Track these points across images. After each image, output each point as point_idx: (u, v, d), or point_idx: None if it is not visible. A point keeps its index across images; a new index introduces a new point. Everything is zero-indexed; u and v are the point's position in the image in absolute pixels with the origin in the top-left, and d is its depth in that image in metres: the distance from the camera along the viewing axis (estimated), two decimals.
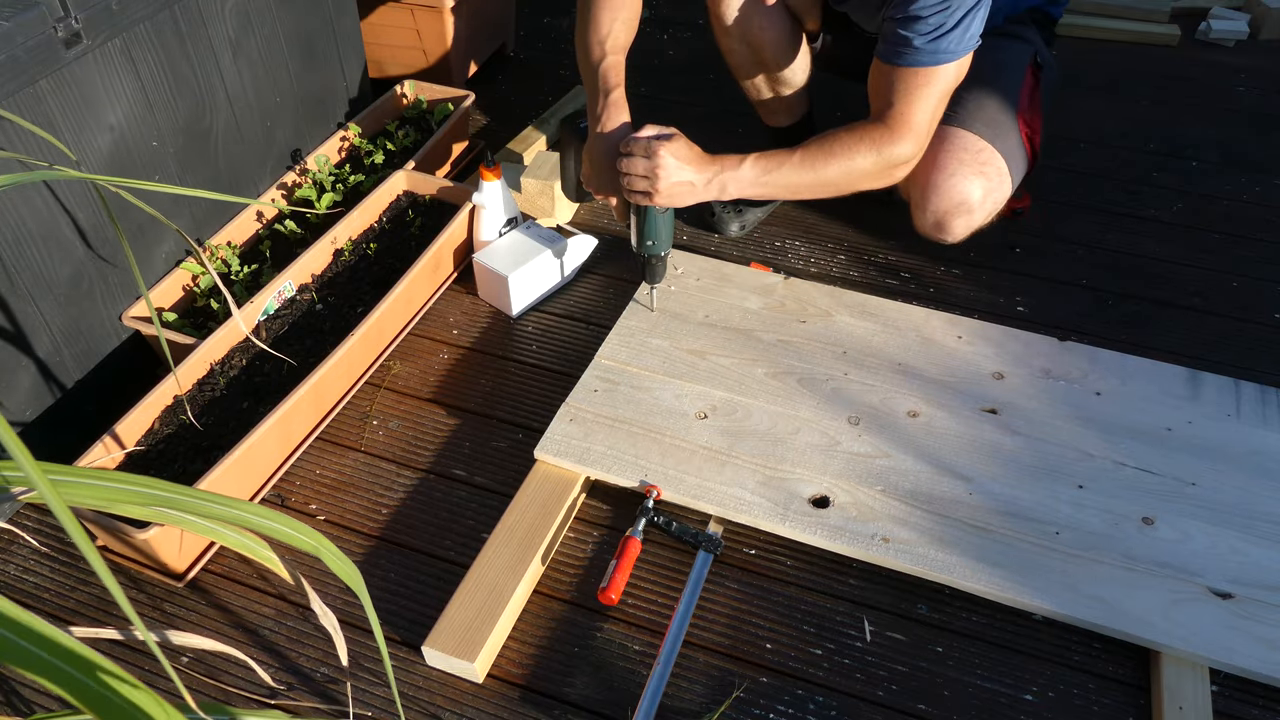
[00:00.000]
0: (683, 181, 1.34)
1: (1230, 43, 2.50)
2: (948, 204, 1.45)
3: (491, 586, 1.16)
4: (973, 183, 1.43)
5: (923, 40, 1.28)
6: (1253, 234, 1.81)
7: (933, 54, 1.29)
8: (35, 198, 1.24)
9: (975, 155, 1.44)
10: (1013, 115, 1.49)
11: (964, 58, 1.31)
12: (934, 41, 1.28)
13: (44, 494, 0.46)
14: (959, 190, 1.44)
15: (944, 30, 1.27)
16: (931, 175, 1.45)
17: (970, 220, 1.47)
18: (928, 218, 1.49)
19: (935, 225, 1.50)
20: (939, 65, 1.30)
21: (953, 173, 1.43)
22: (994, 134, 1.45)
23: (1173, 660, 1.09)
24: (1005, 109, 1.48)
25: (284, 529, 0.70)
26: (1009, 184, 1.48)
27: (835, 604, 1.19)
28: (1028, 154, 1.52)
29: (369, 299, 1.50)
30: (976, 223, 1.48)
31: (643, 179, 1.33)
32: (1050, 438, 1.32)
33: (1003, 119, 1.47)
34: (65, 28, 1.21)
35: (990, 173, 1.44)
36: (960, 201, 1.44)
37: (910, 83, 1.32)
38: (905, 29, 1.29)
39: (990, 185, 1.45)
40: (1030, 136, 1.51)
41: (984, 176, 1.44)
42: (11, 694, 1.10)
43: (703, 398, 1.39)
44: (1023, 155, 1.50)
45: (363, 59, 1.90)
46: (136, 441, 1.28)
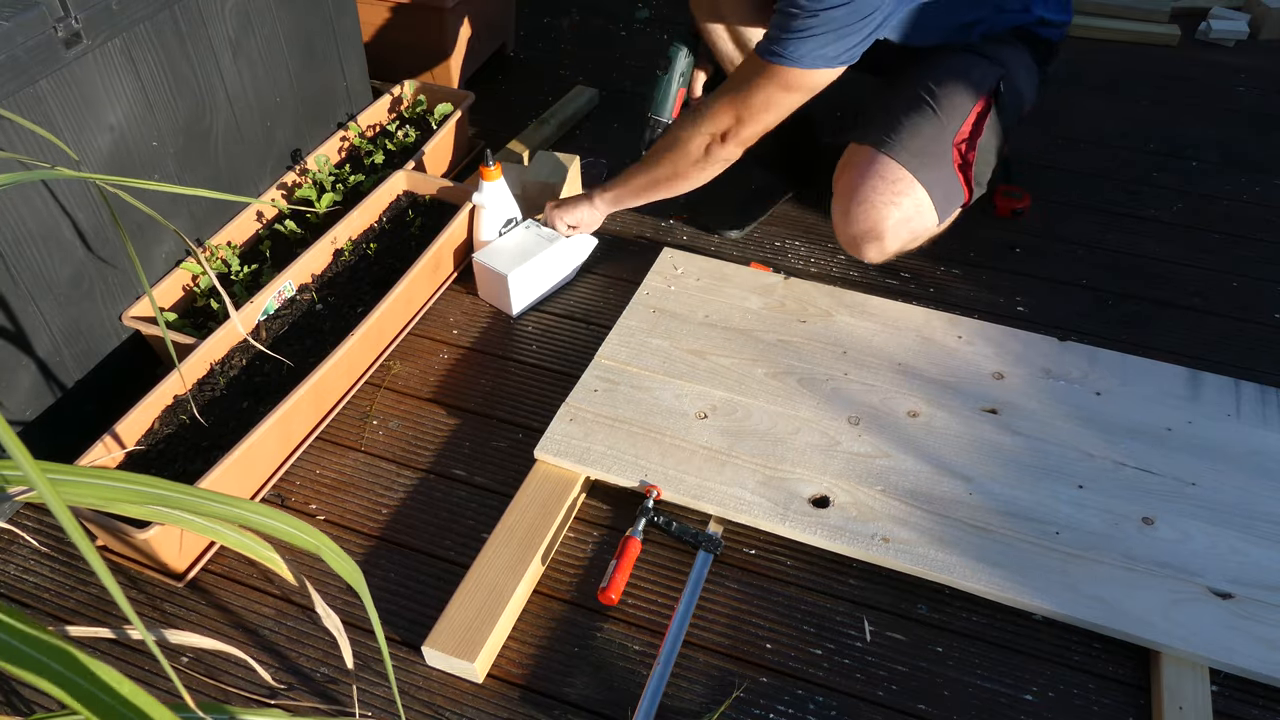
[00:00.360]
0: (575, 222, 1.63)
1: (1230, 43, 2.50)
2: (858, 229, 1.47)
3: (491, 586, 1.16)
4: (885, 211, 1.44)
5: (774, 31, 1.32)
6: (1253, 234, 1.81)
7: (774, 50, 1.32)
8: (35, 198, 1.24)
9: (891, 185, 1.44)
10: (948, 145, 1.46)
11: (804, 70, 1.32)
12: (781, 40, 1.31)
13: (43, 493, 0.46)
14: (871, 217, 1.45)
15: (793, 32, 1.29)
16: (847, 200, 1.46)
17: (881, 246, 1.48)
18: (842, 237, 1.53)
19: (848, 244, 1.53)
20: (770, 64, 1.33)
21: (865, 199, 1.44)
22: (920, 164, 1.44)
23: (1173, 660, 1.09)
24: (940, 139, 1.46)
25: (285, 528, 0.70)
26: (931, 215, 1.47)
27: (835, 604, 1.19)
28: (961, 185, 1.49)
29: (369, 299, 1.50)
30: (890, 249, 1.49)
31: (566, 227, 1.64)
32: (1050, 438, 1.32)
33: (934, 149, 1.45)
34: (65, 28, 1.21)
35: (904, 203, 1.44)
36: (870, 228, 1.46)
37: (746, 66, 1.39)
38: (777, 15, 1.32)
39: (904, 215, 1.44)
40: (963, 168, 1.48)
41: (897, 206, 1.44)
42: (11, 694, 1.10)
43: (703, 398, 1.39)
44: (955, 186, 1.48)
45: (363, 59, 1.90)
46: (137, 441, 1.28)
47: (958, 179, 1.48)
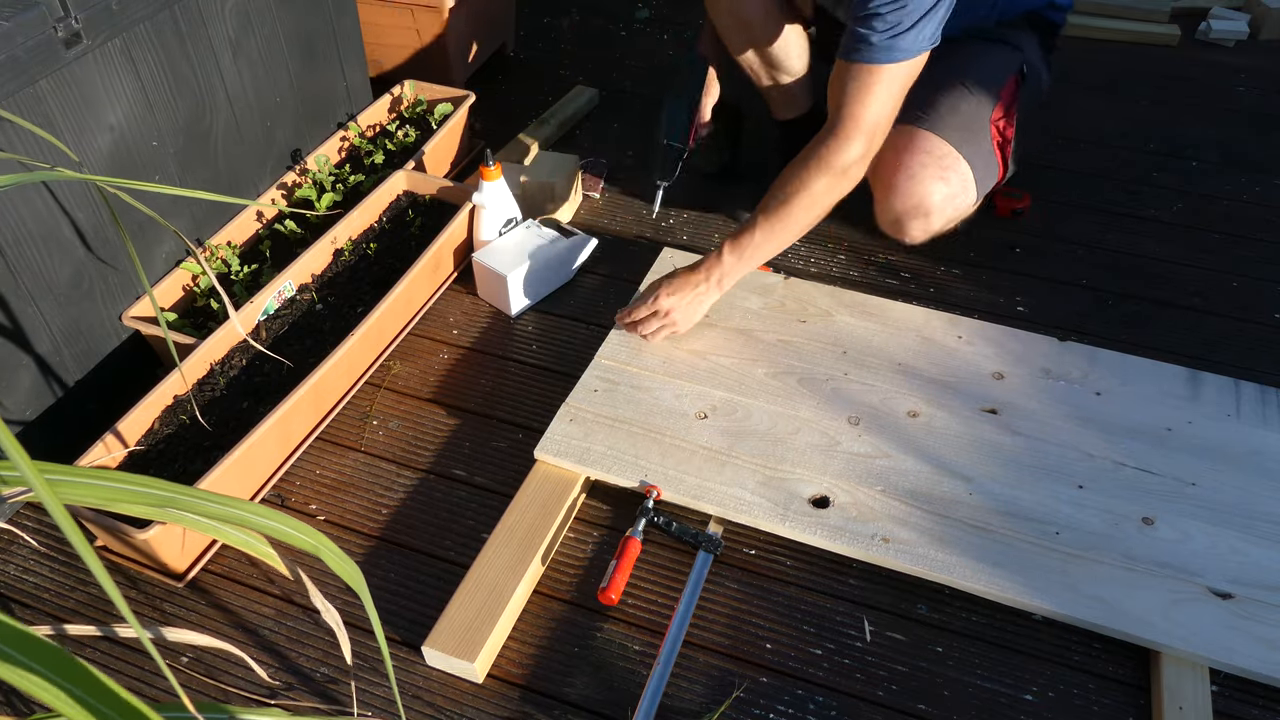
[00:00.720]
0: (691, 308, 1.46)
1: (1230, 43, 2.50)
2: (905, 205, 1.46)
3: (491, 586, 1.16)
4: (933, 186, 1.44)
5: (879, 37, 1.29)
6: (1253, 234, 1.81)
7: (887, 51, 1.29)
8: (35, 198, 1.24)
9: (939, 159, 1.44)
10: (986, 122, 1.48)
11: (917, 57, 1.31)
12: (889, 39, 1.28)
13: (40, 493, 0.46)
14: (917, 193, 1.44)
15: (900, 29, 1.27)
16: (893, 176, 1.46)
17: (928, 223, 1.48)
18: (886, 216, 1.50)
19: (893, 224, 1.51)
20: (892, 63, 1.30)
21: (913, 175, 1.44)
22: (962, 139, 1.45)
23: (1173, 660, 1.09)
24: (979, 115, 1.48)
25: (284, 528, 0.70)
26: (973, 191, 1.48)
27: (835, 604, 1.19)
28: (999, 162, 1.51)
29: (369, 299, 1.50)
30: (935, 226, 1.49)
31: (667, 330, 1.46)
32: (1050, 438, 1.32)
33: (975, 125, 1.47)
34: (65, 28, 1.21)
35: (952, 178, 1.44)
36: (917, 204, 1.45)
37: (863, 80, 1.32)
38: (864, 26, 1.30)
39: (951, 191, 1.45)
40: (1002, 145, 1.51)
41: (945, 181, 1.44)
42: (11, 693, 1.10)
43: (703, 398, 1.39)
44: (992, 163, 1.50)
45: (363, 59, 1.90)
46: (137, 441, 1.28)
47: (996, 156, 1.50)
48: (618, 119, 2.16)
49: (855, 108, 1.32)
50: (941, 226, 1.50)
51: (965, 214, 1.52)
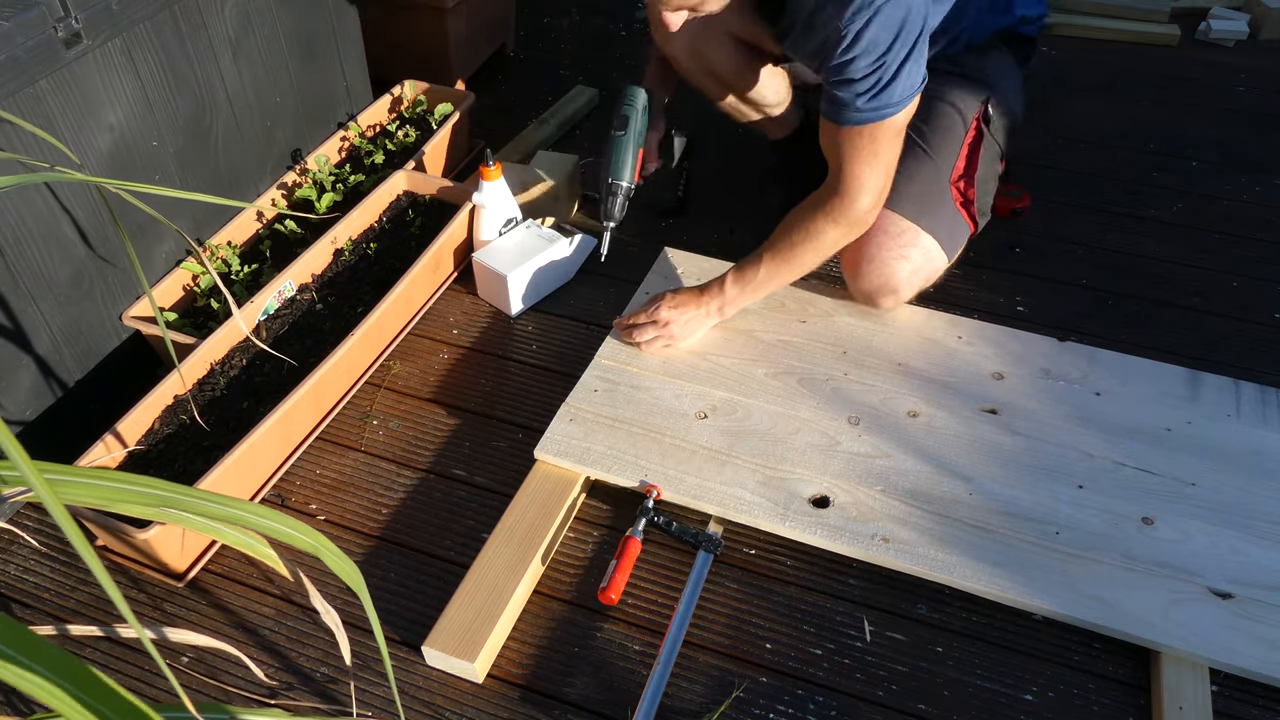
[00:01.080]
0: (690, 326, 1.46)
1: (1230, 43, 2.50)
2: (871, 286, 1.47)
3: (491, 586, 1.16)
4: (896, 266, 1.44)
5: (864, 100, 1.25)
6: (1253, 234, 1.81)
7: (876, 110, 1.25)
8: (35, 198, 1.24)
9: (896, 238, 1.43)
10: (945, 186, 1.46)
11: (910, 104, 1.28)
12: (874, 99, 1.24)
13: (40, 493, 0.46)
14: (882, 274, 1.45)
15: (881, 85, 1.23)
16: (856, 258, 1.46)
17: (898, 298, 1.48)
18: (856, 293, 1.52)
19: (865, 299, 1.52)
20: (883, 120, 1.26)
21: (872, 257, 1.44)
22: (920, 210, 1.44)
23: (1173, 660, 1.09)
24: (937, 180, 1.46)
25: (284, 529, 0.70)
26: (940, 258, 1.47)
27: (835, 604, 1.19)
28: (966, 221, 1.49)
29: (369, 299, 1.50)
30: (905, 298, 1.49)
31: (662, 341, 1.46)
32: (1050, 438, 1.32)
33: (933, 191, 1.45)
34: (65, 28, 1.21)
35: (913, 254, 1.44)
36: (883, 284, 1.46)
37: (856, 142, 1.29)
38: (843, 91, 1.25)
39: (915, 265, 1.45)
40: (965, 205, 1.49)
41: (907, 259, 1.44)
42: (11, 693, 1.10)
43: (703, 398, 1.39)
44: (959, 224, 1.49)
45: (363, 59, 1.90)
46: (137, 441, 1.28)
47: (961, 216, 1.49)
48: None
49: (854, 168, 1.30)
50: (913, 296, 1.50)
51: (937, 278, 1.51)
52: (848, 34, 1.19)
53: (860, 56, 1.21)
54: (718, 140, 2.06)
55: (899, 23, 1.19)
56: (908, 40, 1.21)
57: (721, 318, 1.47)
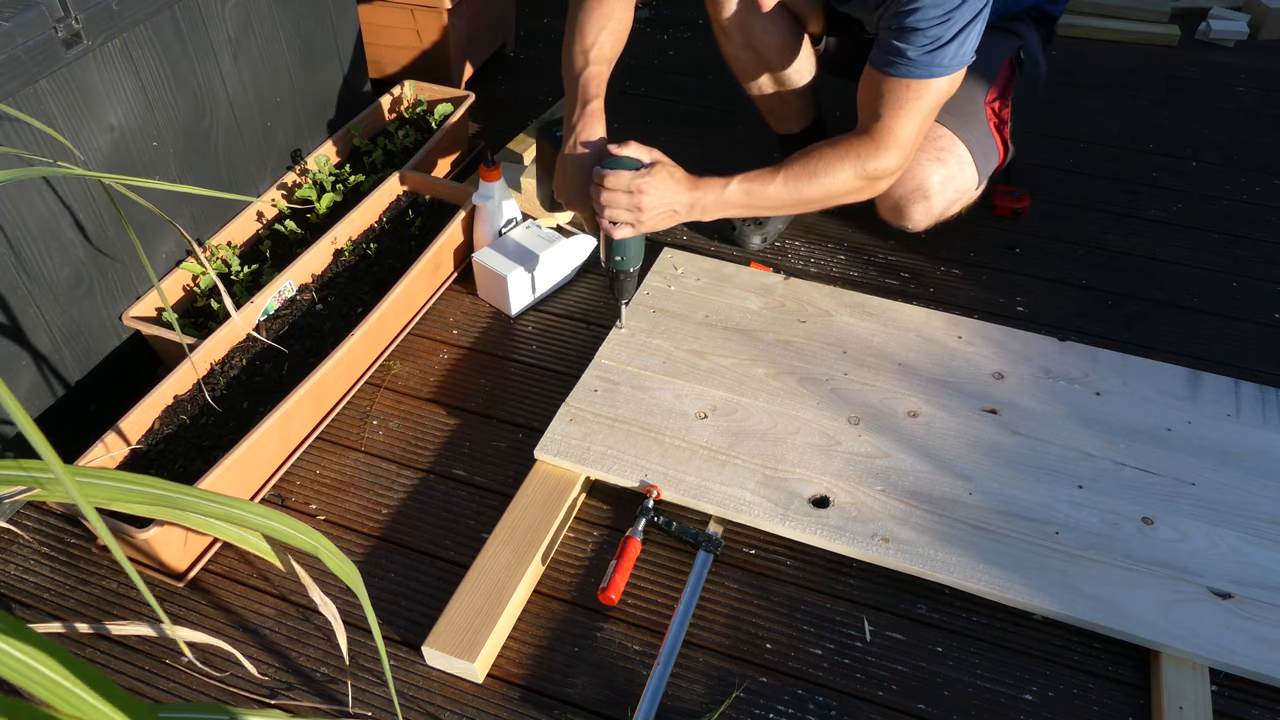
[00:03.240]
0: (665, 210, 1.31)
1: (1230, 43, 2.50)
2: (904, 189, 1.44)
3: (491, 586, 1.16)
4: (930, 169, 1.43)
5: (918, 52, 1.25)
6: (1253, 234, 1.81)
7: (926, 67, 1.26)
8: (36, 197, 1.24)
9: (934, 141, 1.43)
10: (980, 104, 1.47)
11: (958, 72, 1.29)
12: (929, 54, 1.25)
13: (72, 494, 0.46)
14: (915, 176, 1.43)
15: (940, 43, 1.24)
16: None
17: (929, 206, 1.46)
18: (886, 202, 1.48)
19: (893, 210, 1.49)
20: (932, 79, 1.27)
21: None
22: (958, 122, 1.44)
23: (1173, 660, 1.09)
24: (973, 98, 1.47)
25: (284, 528, 0.70)
26: (972, 172, 1.47)
27: (835, 604, 1.19)
28: (997, 143, 1.51)
29: (369, 299, 1.50)
30: (936, 209, 1.47)
31: (625, 212, 1.29)
32: (1050, 438, 1.32)
33: (969, 108, 1.46)
34: (65, 28, 1.21)
35: (949, 160, 1.43)
36: (916, 187, 1.44)
37: (901, 94, 1.29)
38: (901, 40, 1.26)
39: (949, 172, 1.44)
40: (999, 126, 1.50)
41: (942, 163, 1.43)
42: (11, 693, 1.09)
43: (703, 398, 1.39)
44: (991, 144, 1.49)
45: (363, 59, 1.90)
46: (137, 441, 1.28)
47: (994, 137, 1.49)
48: (618, 119, 2.15)
49: (893, 122, 1.30)
50: (943, 210, 1.48)
51: (967, 197, 1.51)
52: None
53: (929, 7, 1.22)
54: (716, 137, 2.06)
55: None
56: (973, 6, 1.23)
57: (703, 217, 1.35)
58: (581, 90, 1.35)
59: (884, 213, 1.52)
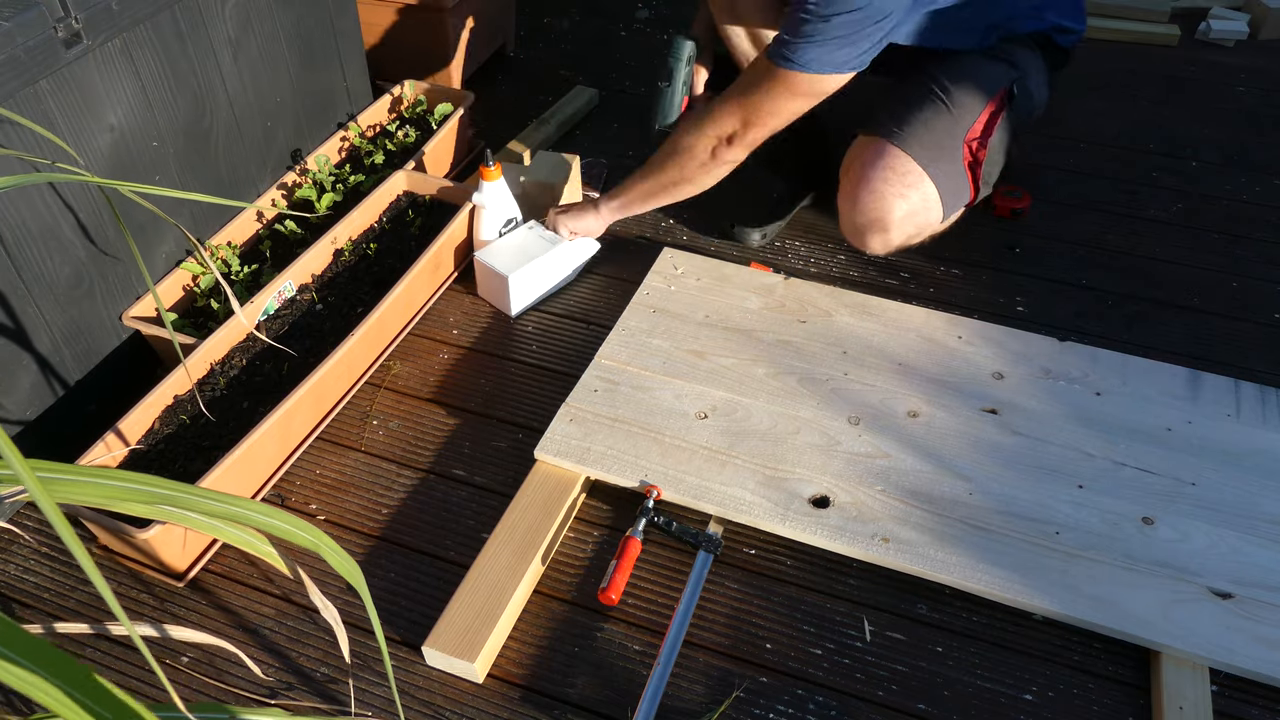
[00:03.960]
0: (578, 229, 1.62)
1: (1230, 43, 2.50)
2: (865, 219, 1.47)
3: (492, 586, 1.16)
4: (894, 203, 1.44)
5: (787, 36, 1.31)
6: (1253, 234, 1.81)
7: (782, 54, 1.32)
8: (36, 198, 1.24)
9: (901, 176, 1.44)
10: (959, 142, 1.46)
11: (813, 75, 1.32)
12: (791, 44, 1.30)
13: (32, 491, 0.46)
14: (878, 208, 1.45)
15: (807, 38, 1.28)
16: (856, 188, 1.46)
17: (887, 239, 1.48)
18: (847, 225, 1.52)
19: (853, 234, 1.52)
20: (780, 67, 1.32)
21: (874, 189, 1.44)
22: (930, 157, 1.44)
23: (1173, 660, 1.09)
24: (952, 134, 1.46)
25: (285, 526, 0.70)
26: (938, 210, 1.47)
27: (835, 604, 1.19)
28: (969, 183, 1.49)
29: (369, 299, 1.50)
30: (894, 242, 1.49)
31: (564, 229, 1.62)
32: (1050, 438, 1.32)
33: (946, 144, 1.46)
34: (65, 28, 1.21)
35: (913, 196, 1.44)
36: (877, 219, 1.46)
37: (752, 70, 1.39)
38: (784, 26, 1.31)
39: (911, 208, 1.45)
40: (972, 165, 1.49)
41: (904, 199, 1.44)
42: (11, 693, 1.10)
43: (703, 398, 1.39)
44: (962, 184, 1.48)
45: (363, 59, 1.90)
46: (137, 441, 1.28)
47: (966, 177, 1.49)
48: (618, 119, 2.17)
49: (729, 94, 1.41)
50: (902, 242, 1.51)
51: (931, 231, 1.52)
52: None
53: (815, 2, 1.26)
54: None
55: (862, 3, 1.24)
56: (857, 21, 1.26)
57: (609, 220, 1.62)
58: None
59: (845, 234, 1.55)
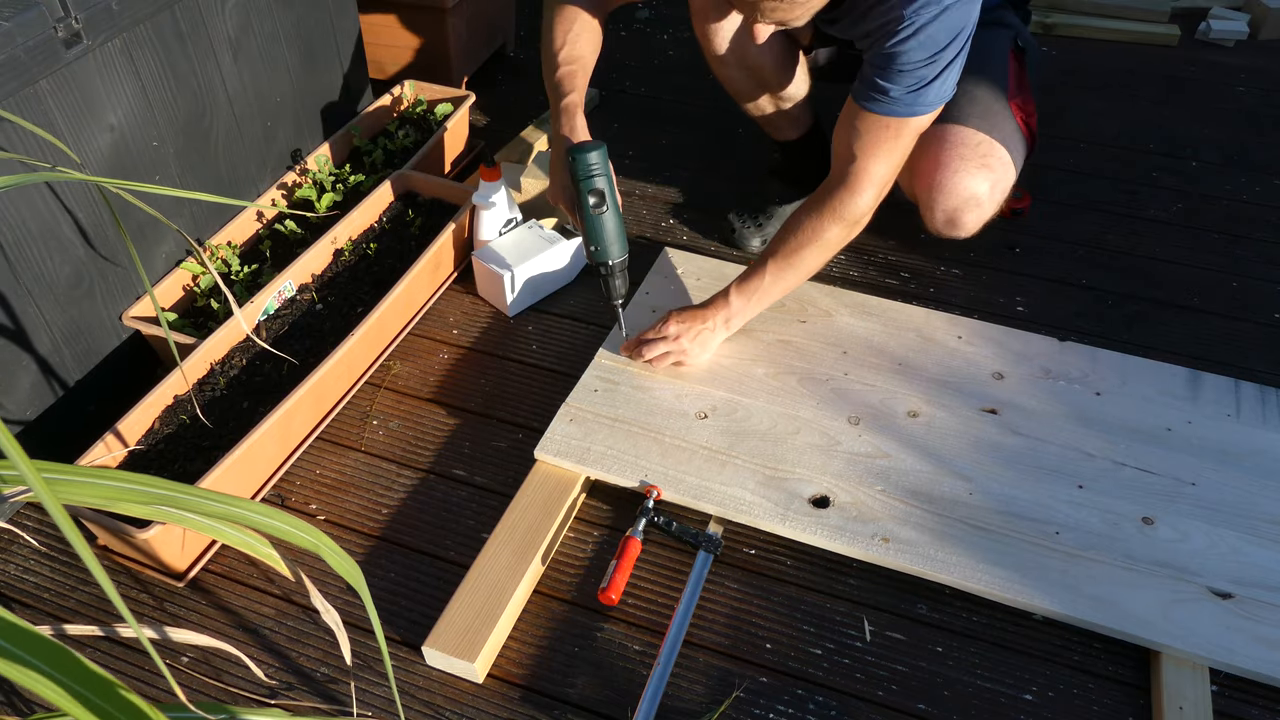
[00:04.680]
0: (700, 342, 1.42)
1: (1230, 43, 2.50)
2: (957, 200, 1.45)
3: (492, 586, 1.16)
4: (978, 177, 1.43)
5: (901, 91, 1.25)
6: (1253, 234, 1.81)
7: (910, 105, 1.26)
8: (36, 198, 1.24)
9: (975, 149, 1.43)
10: (1005, 102, 1.48)
11: (938, 109, 1.29)
12: (913, 93, 1.25)
13: (39, 492, 0.46)
14: (966, 186, 1.44)
15: (924, 83, 1.24)
16: (937, 175, 1.44)
17: (981, 213, 1.47)
18: (938, 216, 1.48)
19: (947, 222, 1.49)
20: (914, 117, 1.27)
21: (957, 170, 1.43)
22: (991, 125, 1.45)
23: (1173, 660, 1.09)
24: (997, 98, 1.48)
25: (285, 527, 0.70)
26: (1013, 170, 1.48)
27: (835, 604, 1.19)
28: (1025, 137, 1.51)
29: (369, 299, 1.50)
30: (988, 213, 1.48)
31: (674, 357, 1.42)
32: (1050, 438, 1.32)
33: (996, 108, 1.47)
34: (65, 28, 1.21)
35: (994, 164, 1.44)
36: (969, 197, 1.44)
37: (880, 133, 1.29)
38: (885, 78, 1.25)
39: (996, 176, 1.45)
40: (1026, 120, 1.51)
41: (988, 169, 1.44)
42: (11, 693, 1.10)
43: (703, 398, 1.39)
44: (1021, 139, 1.50)
45: (363, 59, 1.90)
46: (137, 441, 1.28)
47: (1022, 131, 1.50)
48: (618, 119, 2.16)
49: (869, 162, 1.30)
50: (993, 211, 1.49)
51: (1009, 192, 1.52)
52: (910, 24, 1.20)
53: (915, 50, 1.22)
54: (717, 136, 2.06)
55: (958, 29, 1.21)
56: (958, 46, 1.23)
57: (729, 331, 1.44)
58: (553, 92, 1.41)
59: (936, 225, 1.51)
